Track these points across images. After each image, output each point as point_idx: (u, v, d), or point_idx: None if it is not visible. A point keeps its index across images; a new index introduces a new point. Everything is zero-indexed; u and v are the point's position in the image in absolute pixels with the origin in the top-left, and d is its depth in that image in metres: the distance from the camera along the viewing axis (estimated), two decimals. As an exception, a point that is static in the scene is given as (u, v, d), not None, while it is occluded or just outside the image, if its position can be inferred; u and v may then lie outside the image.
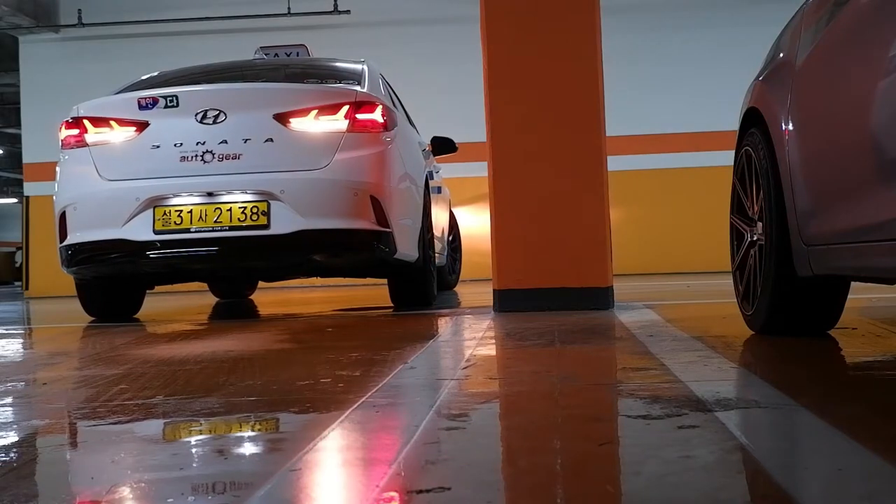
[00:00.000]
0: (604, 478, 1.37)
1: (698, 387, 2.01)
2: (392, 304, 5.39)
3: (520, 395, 2.10)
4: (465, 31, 8.05)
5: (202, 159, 4.46)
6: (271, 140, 4.47)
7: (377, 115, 4.66)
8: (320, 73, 5.47)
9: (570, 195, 4.61)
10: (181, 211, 4.45)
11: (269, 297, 7.99)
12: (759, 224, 3.03)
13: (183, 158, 4.48)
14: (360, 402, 2.00)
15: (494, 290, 4.68)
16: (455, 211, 8.29)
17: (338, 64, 5.65)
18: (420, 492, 1.27)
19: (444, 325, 4.06)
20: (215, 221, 4.41)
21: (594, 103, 4.65)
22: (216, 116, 4.51)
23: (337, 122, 4.55)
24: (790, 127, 2.75)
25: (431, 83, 10.50)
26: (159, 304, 7.01)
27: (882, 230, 2.19)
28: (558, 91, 4.63)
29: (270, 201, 4.39)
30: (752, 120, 3.10)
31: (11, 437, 1.82)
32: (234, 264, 4.70)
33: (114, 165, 4.59)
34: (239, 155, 4.45)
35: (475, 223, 9.91)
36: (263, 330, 4.25)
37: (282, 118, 4.53)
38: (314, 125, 4.53)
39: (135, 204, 4.48)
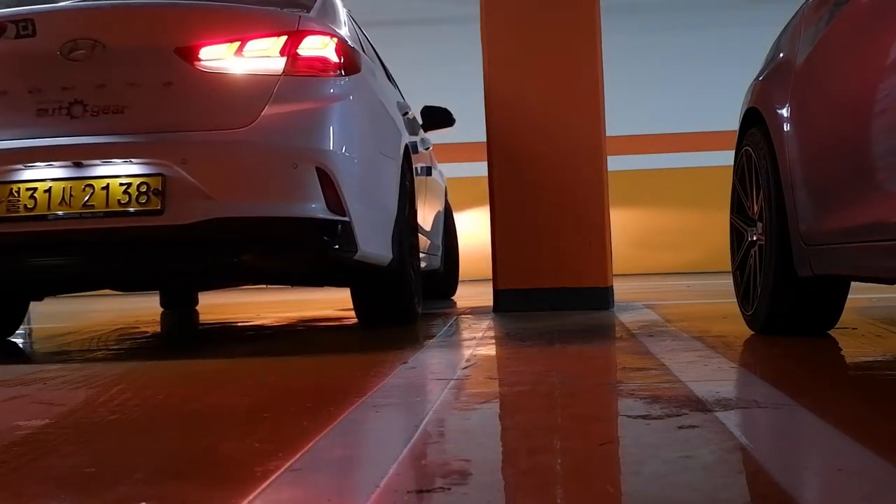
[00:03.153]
0: (604, 478, 1.37)
1: (698, 387, 2.01)
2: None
3: (520, 395, 2.10)
4: (465, 30, 8.05)
5: (69, 112, 3.07)
6: (170, 84, 3.10)
7: (329, 52, 3.28)
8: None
9: (569, 195, 4.62)
10: (35, 189, 3.03)
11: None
12: (759, 224, 3.03)
13: (41, 111, 3.09)
14: (361, 402, 2.00)
15: (494, 290, 4.68)
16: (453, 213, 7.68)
17: None
18: (420, 492, 1.27)
19: (444, 325, 4.06)
20: (85, 205, 3.00)
21: (594, 103, 4.65)
22: (91, 49, 3.12)
23: (269, 61, 3.16)
24: (790, 127, 2.75)
25: (431, 83, 10.50)
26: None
27: (882, 230, 2.19)
28: (558, 91, 4.64)
29: (167, 175, 2.99)
30: (752, 120, 3.10)
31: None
32: (112, 268, 3.33)
33: None
34: (123, 107, 3.07)
35: (466, 224, 9.92)
36: (258, 337, 4.24)
37: (187, 53, 3.13)
38: (235, 64, 3.14)
39: None
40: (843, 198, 2.44)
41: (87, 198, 3.01)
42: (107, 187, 3.01)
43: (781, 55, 2.96)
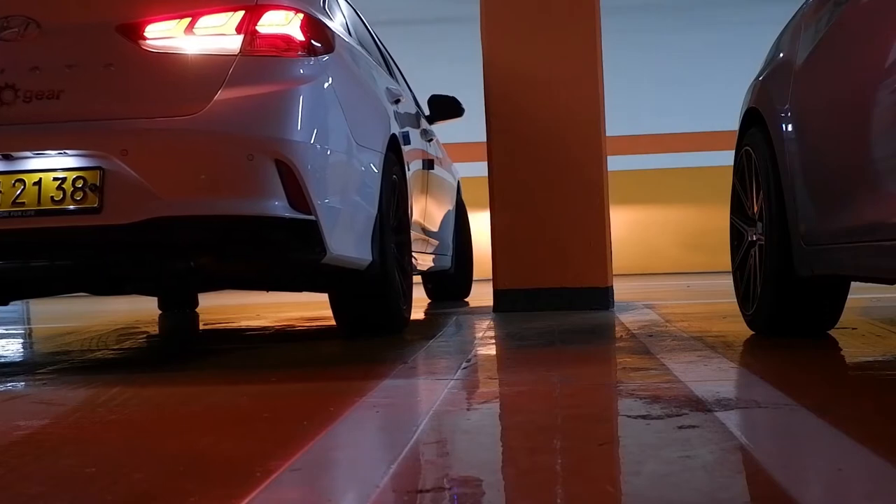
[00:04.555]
0: (604, 478, 1.37)
1: (698, 387, 2.01)
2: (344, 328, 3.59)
3: (520, 395, 2.10)
4: (465, 30, 8.06)
5: None
6: (112, 66, 2.78)
7: (293, 29, 2.91)
8: None
9: (569, 195, 4.62)
10: None
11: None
12: (759, 224, 3.03)
13: None
14: (361, 402, 2.00)
15: (494, 291, 4.68)
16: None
17: None
18: (420, 492, 1.27)
19: (444, 325, 4.05)
20: (15, 203, 2.70)
21: (594, 103, 4.65)
22: (24, 27, 2.82)
23: (224, 39, 2.82)
24: (790, 127, 2.75)
25: (431, 83, 10.49)
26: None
27: (882, 230, 2.19)
28: (558, 91, 4.64)
29: (106, 168, 2.67)
30: (752, 120, 3.10)
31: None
32: (46, 272, 2.98)
33: None
34: (58, 92, 2.76)
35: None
36: (257, 338, 4.24)
37: (131, 31, 2.81)
38: (185, 42, 2.81)
39: None
40: (844, 198, 2.44)
41: (17, 194, 2.71)
42: (39, 182, 2.71)
43: (781, 55, 2.96)
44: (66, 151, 2.71)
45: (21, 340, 4.42)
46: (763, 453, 1.45)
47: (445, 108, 5.24)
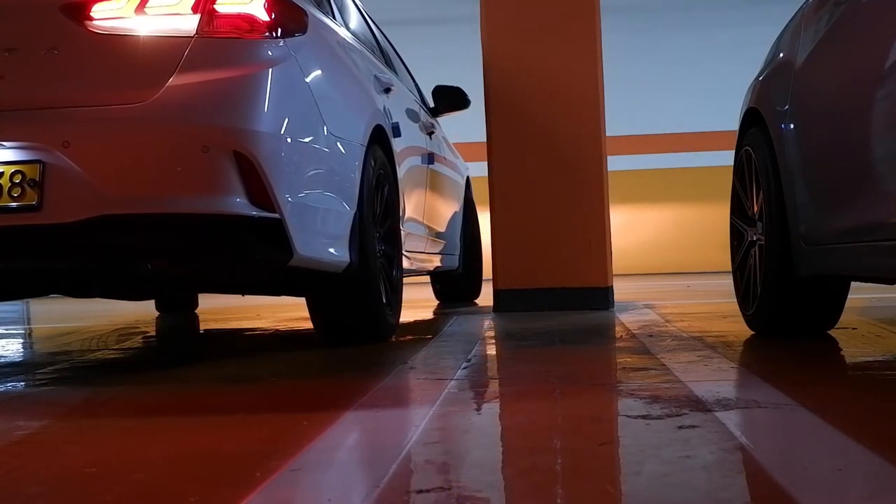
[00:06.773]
0: (604, 478, 1.37)
1: (698, 387, 2.01)
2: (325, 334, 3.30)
3: (520, 395, 2.10)
4: (465, 31, 8.06)
5: None
6: (55, 50, 2.56)
7: (256, 8, 2.67)
8: None
9: (569, 195, 4.62)
10: None
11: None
12: (759, 224, 3.03)
13: None
14: (360, 402, 2.00)
15: (494, 290, 4.69)
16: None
17: None
18: (420, 492, 1.27)
19: (444, 325, 4.05)
20: None
21: (594, 103, 4.66)
22: None
23: (179, 19, 2.58)
24: (790, 127, 2.75)
25: (431, 83, 10.49)
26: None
27: (882, 230, 2.19)
28: (558, 91, 4.64)
29: (46, 162, 2.44)
30: (752, 120, 3.10)
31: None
32: None
33: None
34: None
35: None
36: (257, 338, 4.24)
37: (76, 11, 2.58)
38: (136, 23, 2.57)
39: None
40: (843, 198, 2.44)
41: None
42: None
43: (781, 55, 2.96)
44: (3, 143, 2.48)
45: (21, 340, 4.42)
46: (763, 453, 1.45)
47: (450, 99, 5.08)
